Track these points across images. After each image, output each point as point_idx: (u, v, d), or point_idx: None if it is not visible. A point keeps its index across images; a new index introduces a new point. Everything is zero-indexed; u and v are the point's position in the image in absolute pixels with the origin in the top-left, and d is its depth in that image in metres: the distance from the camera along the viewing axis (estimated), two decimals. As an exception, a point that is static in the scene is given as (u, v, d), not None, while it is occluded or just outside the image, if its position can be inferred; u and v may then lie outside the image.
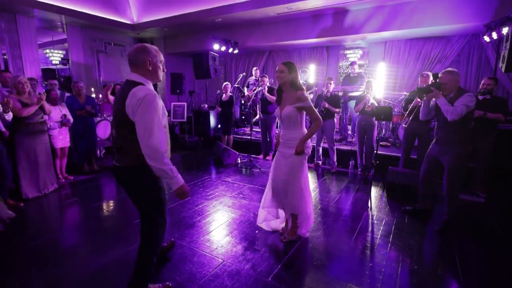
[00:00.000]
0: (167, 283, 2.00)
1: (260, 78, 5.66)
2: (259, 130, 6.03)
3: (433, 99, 2.91)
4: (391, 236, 2.80)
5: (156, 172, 1.64)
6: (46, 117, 3.81)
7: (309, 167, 5.06)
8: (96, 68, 8.12)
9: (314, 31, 6.58)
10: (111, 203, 3.66)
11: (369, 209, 3.46)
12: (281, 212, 2.85)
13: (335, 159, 5.02)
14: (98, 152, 5.67)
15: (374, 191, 4.06)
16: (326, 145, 5.11)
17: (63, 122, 4.18)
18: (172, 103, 6.58)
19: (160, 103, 1.69)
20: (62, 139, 4.30)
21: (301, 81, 6.22)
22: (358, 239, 2.73)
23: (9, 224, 2.93)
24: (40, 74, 7.00)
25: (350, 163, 5.12)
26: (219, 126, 6.36)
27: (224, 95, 6.03)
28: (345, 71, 7.43)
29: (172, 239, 2.53)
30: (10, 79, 3.70)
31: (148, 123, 1.57)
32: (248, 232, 2.85)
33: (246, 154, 5.98)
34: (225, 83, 5.99)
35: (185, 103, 6.50)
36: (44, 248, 2.54)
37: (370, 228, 2.95)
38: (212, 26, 7.44)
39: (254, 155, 6.03)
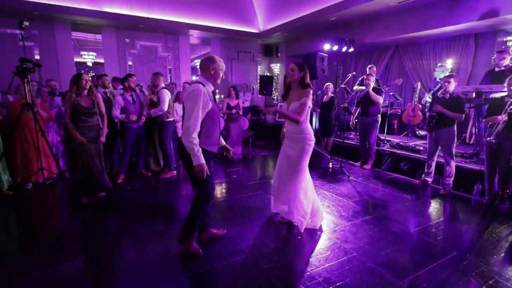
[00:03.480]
0: (200, 250, 2.42)
1: (365, 77, 5.12)
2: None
3: None
4: (473, 291, 2.02)
5: (185, 147, 2.09)
6: (174, 112, 5.01)
7: (414, 184, 4.22)
8: (229, 73, 9.65)
9: (452, 17, 5.25)
10: (226, 179, 4.37)
11: (471, 253, 2.57)
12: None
13: (450, 179, 3.91)
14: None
15: (500, 232, 2.91)
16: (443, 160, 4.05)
17: (174, 119, 5.31)
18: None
19: (205, 98, 2.12)
20: (184, 130, 5.49)
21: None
22: None
23: (132, 186, 4.12)
24: (190, 79, 9.07)
25: (475, 187, 3.85)
26: (318, 127, 6.20)
27: (325, 96, 5.85)
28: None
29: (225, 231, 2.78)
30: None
31: (190, 110, 2.07)
32: (282, 233, 2.78)
33: (343, 160, 5.59)
34: (326, 84, 5.80)
35: (291, 104, 6.72)
36: (149, 206, 3.47)
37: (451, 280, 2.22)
38: (327, 26, 7.28)
39: (353, 161, 5.54)
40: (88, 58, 7.70)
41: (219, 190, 4.11)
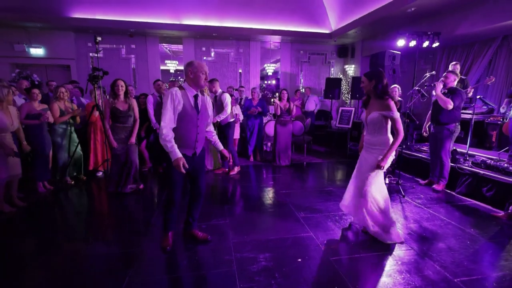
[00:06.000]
0: (168, 247, 2.50)
1: (445, 74, 4.14)
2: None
3: None
4: None
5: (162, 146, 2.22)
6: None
7: (498, 217, 3.21)
8: (299, 75, 9.42)
9: None
10: (260, 185, 4.45)
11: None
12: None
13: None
14: (270, 146, 6.76)
15: None
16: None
17: (234, 120, 5.46)
18: (341, 108, 6.37)
19: (176, 100, 2.23)
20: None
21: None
22: None
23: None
24: (258, 83, 9.28)
25: None
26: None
27: (390, 100, 5.02)
28: None
29: (209, 238, 2.71)
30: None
31: (164, 110, 2.22)
32: (282, 252, 2.48)
33: (408, 175, 4.74)
34: (392, 86, 4.95)
35: (353, 108, 6.06)
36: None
37: None
38: (406, 19, 6.24)
39: (420, 178, 4.59)
40: (171, 66, 8.80)
41: (244, 195, 4.06)
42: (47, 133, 3.96)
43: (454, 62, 4.98)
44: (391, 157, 2.57)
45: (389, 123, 2.56)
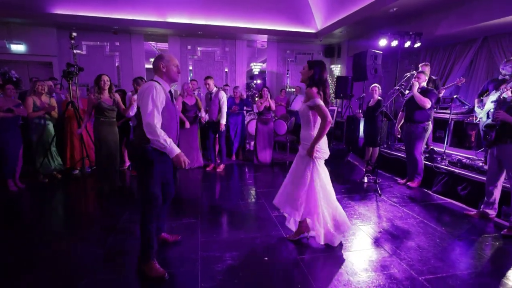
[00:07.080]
0: (166, 273, 2.10)
1: (416, 74, 4.19)
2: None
3: None
4: None
5: (154, 145, 1.99)
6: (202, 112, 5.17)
7: (470, 216, 3.22)
8: (285, 75, 9.41)
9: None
10: (238, 184, 4.37)
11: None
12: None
13: (521, 215, 2.79)
14: (252, 145, 6.71)
15: None
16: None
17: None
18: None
19: (161, 95, 2.04)
20: (216, 130, 5.58)
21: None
22: None
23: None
24: (245, 82, 9.24)
25: None
26: (363, 135, 5.39)
27: (371, 99, 5.04)
28: None
29: (179, 238, 2.62)
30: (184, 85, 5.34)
31: (146, 105, 1.98)
32: (250, 250, 2.44)
33: (387, 174, 4.76)
34: (372, 85, 4.99)
35: (336, 108, 6.07)
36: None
37: None
38: (388, 20, 6.27)
39: (399, 177, 4.61)
40: (156, 64, 8.71)
41: (220, 193, 4.02)
42: (18, 129, 3.84)
43: (423, 63, 5.00)
44: (326, 152, 2.45)
45: (316, 116, 2.37)
